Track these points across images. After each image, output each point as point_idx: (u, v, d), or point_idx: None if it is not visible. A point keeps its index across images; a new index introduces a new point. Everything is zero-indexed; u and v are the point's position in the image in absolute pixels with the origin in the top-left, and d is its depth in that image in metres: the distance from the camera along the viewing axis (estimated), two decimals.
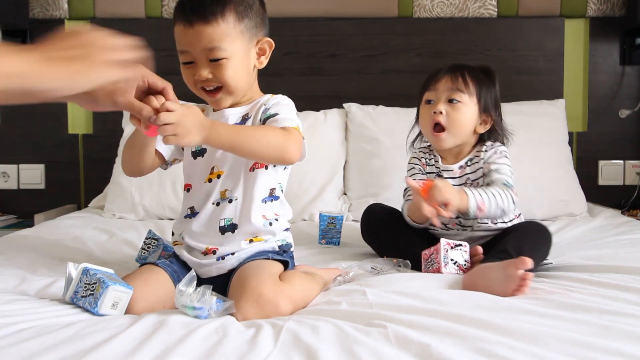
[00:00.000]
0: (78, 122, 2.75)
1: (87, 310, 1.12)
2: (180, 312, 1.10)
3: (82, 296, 1.13)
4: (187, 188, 1.39)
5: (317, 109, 2.55)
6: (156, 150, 1.37)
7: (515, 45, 2.68)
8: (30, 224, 2.42)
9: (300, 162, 1.36)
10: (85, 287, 1.13)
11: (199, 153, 1.36)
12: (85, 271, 1.14)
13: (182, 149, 1.41)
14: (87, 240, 1.82)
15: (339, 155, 2.47)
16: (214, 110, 1.39)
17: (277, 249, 1.37)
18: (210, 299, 1.09)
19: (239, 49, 1.29)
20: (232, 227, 1.33)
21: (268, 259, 1.31)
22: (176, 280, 1.25)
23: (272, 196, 1.36)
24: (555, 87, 2.68)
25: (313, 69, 2.69)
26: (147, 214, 2.31)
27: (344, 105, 2.57)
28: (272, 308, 1.12)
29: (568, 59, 2.69)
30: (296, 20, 2.66)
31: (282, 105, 1.34)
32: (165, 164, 1.42)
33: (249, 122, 1.34)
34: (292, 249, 1.42)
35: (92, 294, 1.11)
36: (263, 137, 1.22)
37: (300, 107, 2.52)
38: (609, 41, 2.69)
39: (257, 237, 1.34)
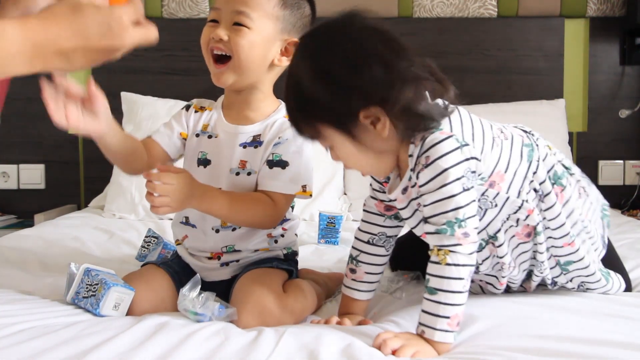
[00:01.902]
0: None
1: (88, 311, 1.12)
2: (182, 315, 1.10)
3: (84, 297, 1.13)
4: None
5: None
6: (161, 148, 1.32)
7: (515, 45, 2.68)
8: (30, 224, 2.42)
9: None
10: (87, 287, 1.12)
11: (202, 162, 1.31)
12: (87, 272, 1.14)
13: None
14: (87, 240, 1.82)
15: None
16: (226, 119, 1.32)
17: (282, 257, 1.33)
18: (212, 305, 1.09)
19: (266, 28, 1.24)
20: (235, 252, 1.30)
21: (272, 267, 1.28)
22: (177, 282, 1.24)
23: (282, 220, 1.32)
24: (555, 87, 2.68)
25: None
26: (147, 214, 2.30)
27: None
28: (274, 321, 1.11)
29: (568, 59, 2.69)
30: None
31: (297, 149, 1.26)
32: (170, 160, 1.36)
33: (261, 148, 1.27)
34: (297, 257, 1.38)
35: (94, 295, 1.11)
36: (252, 216, 1.23)
37: None
38: (609, 41, 2.69)
39: (263, 248, 1.32)
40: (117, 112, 2.55)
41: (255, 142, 1.29)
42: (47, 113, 2.80)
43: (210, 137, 1.32)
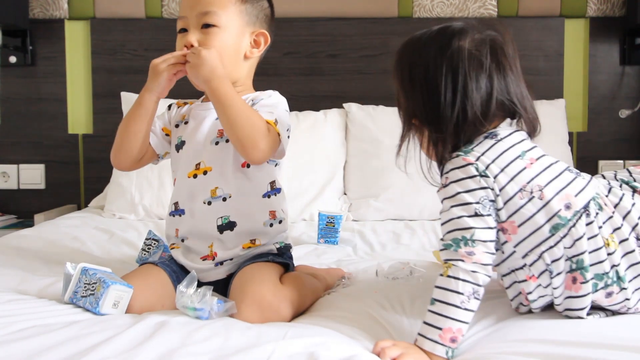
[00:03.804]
0: (78, 122, 2.75)
1: (87, 310, 1.12)
2: (182, 313, 1.10)
3: (82, 296, 1.13)
4: (174, 182, 1.38)
5: (317, 109, 2.55)
6: (151, 146, 1.37)
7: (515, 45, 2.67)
8: (30, 224, 2.43)
9: (280, 159, 1.34)
10: (85, 287, 1.13)
11: (179, 146, 1.35)
12: (84, 271, 1.14)
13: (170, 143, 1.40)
14: (87, 240, 1.82)
15: (339, 155, 2.47)
16: (202, 101, 1.39)
17: (276, 252, 1.34)
18: (211, 299, 1.09)
19: (233, 23, 1.30)
20: (230, 225, 1.30)
21: (268, 261, 1.29)
22: (175, 280, 1.25)
23: (274, 189, 1.34)
24: (555, 87, 2.67)
25: (313, 69, 2.69)
26: (147, 214, 2.31)
27: (344, 105, 2.57)
28: (273, 312, 1.11)
29: (568, 59, 2.69)
30: (296, 20, 2.66)
31: (273, 102, 1.31)
32: (157, 158, 1.41)
33: None
34: (291, 250, 1.40)
35: (93, 294, 1.11)
36: (250, 118, 1.19)
37: (300, 107, 2.56)
38: (609, 41, 2.69)
39: (255, 243, 1.32)
40: (117, 112, 2.55)
41: None
42: (47, 113, 2.80)
43: (186, 123, 1.37)
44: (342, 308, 1.18)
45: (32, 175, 2.73)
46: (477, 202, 1.01)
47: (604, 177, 1.15)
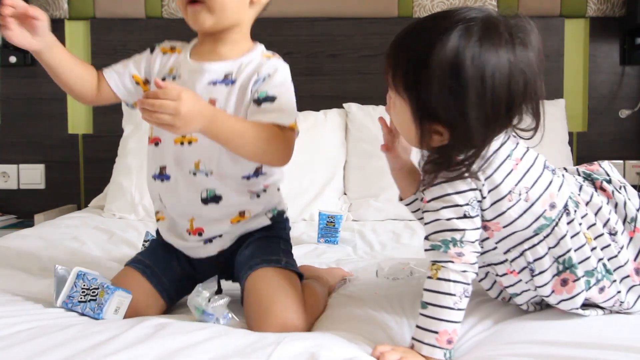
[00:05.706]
0: (78, 122, 2.75)
1: (84, 315, 1.10)
2: (182, 314, 1.09)
3: (80, 301, 1.10)
4: (155, 142, 1.27)
5: (317, 109, 2.55)
6: (109, 87, 1.28)
7: None
8: (30, 224, 2.43)
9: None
10: (84, 292, 1.10)
11: None
12: (81, 275, 1.11)
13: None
14: (87, 241, 1.82)
15: (339, 156, 2.47)
16: (191, 58, 1.25)
17: (270, 222, 1.27)
18: (222, 310, 1.08)
19: None
20: (215, 199, 1.23)
21: (281, 267, 1.20)
22: (154, 282, 1.21)
23: (257, 173, 1.25)
24: (555, 87, 2.67)
25: (313, 69, 2.69)
26: (147, 214, 2.30)
27: (344, 105, 2.57)
28: (294, 331, 1.06)
29: (568, 59, 2.69)
30: (296, 20, 2.66)
31: (280, 82, 1.21)
32: (121, 102, 1.31)
33: (234, 87, 1.20)
34: (285, 215, 1.32)
35: (95, 299, 1.10)
36: (262, 144, 1.13)
37: (300, 107, 2.53)
38: (609, 41, 2.68)
39: (244, 216, 1.25)
40: (117, 112, 2.55)
41: (227, 79, 1.22)
42: (47, 113, 2.80)
43: (174, 78, 1.25)
44: (342, 309, 1.18)
45: (32, 175, 2.73)
46: (467, 204, 0.99)
47: (566, 170, 1.15)
